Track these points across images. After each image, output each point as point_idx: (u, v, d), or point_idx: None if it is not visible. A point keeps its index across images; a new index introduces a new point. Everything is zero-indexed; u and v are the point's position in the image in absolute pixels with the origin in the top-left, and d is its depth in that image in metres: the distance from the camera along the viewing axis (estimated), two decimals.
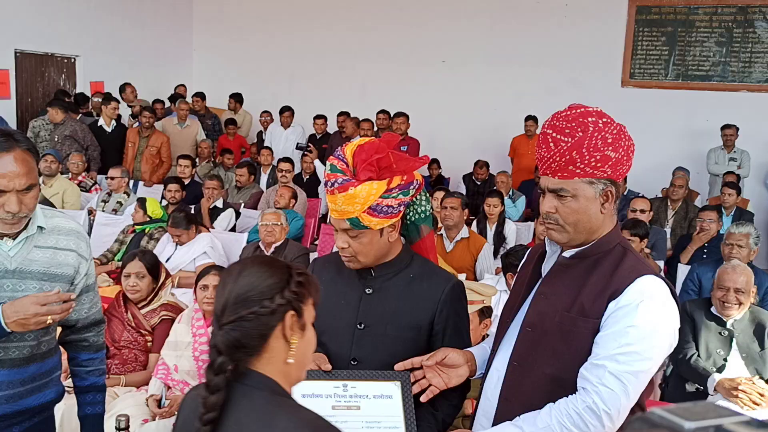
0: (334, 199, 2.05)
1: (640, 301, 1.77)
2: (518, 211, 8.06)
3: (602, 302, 1.81)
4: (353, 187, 2.02)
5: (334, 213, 2.09)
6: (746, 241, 4.79)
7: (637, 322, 1.75)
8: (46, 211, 2.23)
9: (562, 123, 1.83)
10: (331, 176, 2.06)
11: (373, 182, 2.03)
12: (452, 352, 2.08)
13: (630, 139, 1.85)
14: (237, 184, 8.14)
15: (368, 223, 2.06)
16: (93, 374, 2.41)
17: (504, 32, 10.26)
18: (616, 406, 1.74)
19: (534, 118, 9.50)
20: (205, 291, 3.73)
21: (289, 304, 1.43)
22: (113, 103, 8.93)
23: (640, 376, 1.76)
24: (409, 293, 2.18)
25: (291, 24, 11.48)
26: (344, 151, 2.10)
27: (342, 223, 2.08)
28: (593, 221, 1.86)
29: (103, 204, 7.14)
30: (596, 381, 1.75)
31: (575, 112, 1.84)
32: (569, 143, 1.80)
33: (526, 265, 2.14)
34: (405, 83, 10.65)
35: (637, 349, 1.74)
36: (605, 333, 1.78)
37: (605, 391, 1.73)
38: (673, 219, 7.26)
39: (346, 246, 2.11)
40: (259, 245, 5.41)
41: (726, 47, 9.36)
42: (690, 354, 3.89)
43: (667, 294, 1.82)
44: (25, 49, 9.51)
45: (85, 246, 2.28)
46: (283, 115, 10.00)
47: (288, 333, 1.44)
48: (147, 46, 11.35)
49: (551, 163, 1.84)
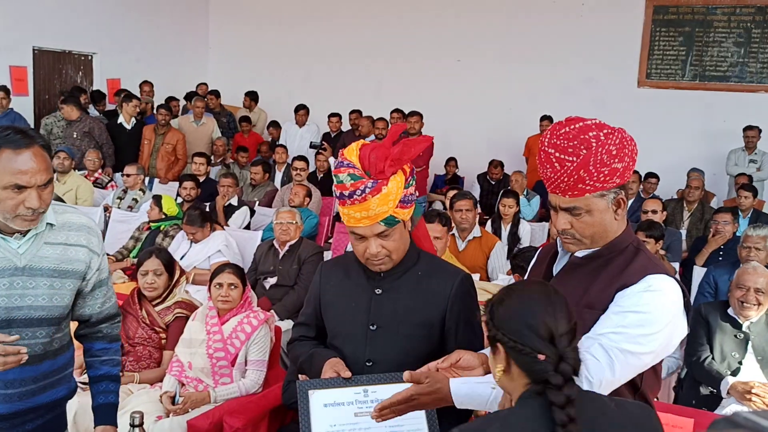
0: (366, 205, 2.03)
1: (646, 290, 1.77)
2: (533, 211, 8.03)
3: (609, 293, 1.82)
4: (385, 186, 2.03)
5: (365, 220, 2.06)
6: (764, 243, 4.75)
7: (639, 308, 1.76)
8: (57, 207, 2.23)
9: (563, 142, 1.81)
10: (356, 185, 2.02)
11: (395, 176, 2.05)
12: (467, 354, 2.07)
13: (632, 141, 1.84)
14: (252, 182, 8.16)
15: (401, 216, 2.09)
16: (107, 364, 2.40)
17: (519, 31, 10.22)
18: (599, 376, 1.72)
19: (549, 118, 9.46)
20: (219, 289, 3.74)
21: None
22: (134, 101, 9.01)
23: (628, 356, 1.74)
24: (419, 291, 2.18)
25: (306, 22, 11.50)
26: (347, 158, 2.08)
27: (376, 227, 2.07)
28: (609, 229, 1.87)
29: (119, 201, 7.19)
30: (584, 350, 1.73)
31: (574, 127, 1.82)
32: (575, 162, 1.79)
33: (537, 265, 2.13)
34: (420, 81, 10.64)
35: (631, 332, 1.74)
36: (605, 315, 1.79)
37: (590, 359, 1.72)
38: (688, 221, 7.21)
39: (380, 250, 2.10)
40: (274, 243, 5.42)
41: (744, 48, 9.28)
42: (704, 357, 3.86)
43: (677, 292, 1.81)
44: (42, 47, 9.60)
45: (96, 241, 2.27)
46: (298, 114, 10.03)
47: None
48: (163, 43, 11.42)
49: (559, 183, 1.83)
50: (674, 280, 1.83)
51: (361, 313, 2.18)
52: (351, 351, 2.17)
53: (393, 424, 2.00)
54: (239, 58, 12.11)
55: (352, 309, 2.20)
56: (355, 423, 2.00)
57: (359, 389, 2.05)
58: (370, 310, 2.18)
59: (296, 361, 2.33)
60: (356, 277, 2.23)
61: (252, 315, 3.77)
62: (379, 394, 2.03)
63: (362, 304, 2.19)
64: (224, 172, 8.07)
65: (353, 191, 2.02)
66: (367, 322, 2.17)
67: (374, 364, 2.14)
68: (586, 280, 1.88)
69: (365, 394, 2.04)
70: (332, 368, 2.10)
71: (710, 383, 3.82)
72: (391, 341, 2.15)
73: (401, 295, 2.18)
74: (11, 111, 8.21)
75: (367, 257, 2.13)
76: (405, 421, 2.01)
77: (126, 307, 3.93)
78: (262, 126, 10.86)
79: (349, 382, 2.06)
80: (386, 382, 2.06)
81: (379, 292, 2.19)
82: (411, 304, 2.17)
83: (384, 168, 2.03)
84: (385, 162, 2.03)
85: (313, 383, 2.07)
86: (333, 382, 2.05)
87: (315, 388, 2.05)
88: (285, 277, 5.24)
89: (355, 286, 2.23)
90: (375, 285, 2.20)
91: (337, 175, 2.06)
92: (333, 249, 6.37)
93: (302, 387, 2.05)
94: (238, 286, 3.78)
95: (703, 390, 3.89)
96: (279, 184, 8.52)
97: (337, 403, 2.03)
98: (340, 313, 2.23)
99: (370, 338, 2.16)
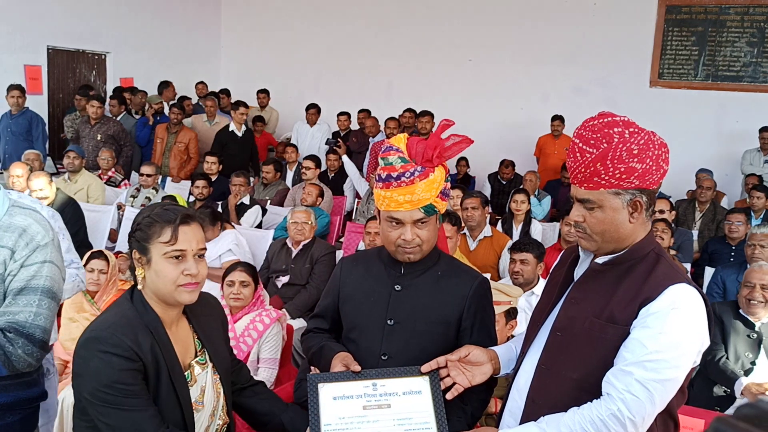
0: (412, 189, 2.07)
1: (672, 308, 1.75)
2: (543, 211, 8.02)
3: (633, 309, 1.80)
4: (432, 173, 2.08)
5: (407, 205, 2.09)
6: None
7: (668, 329, 1.73)
8: (15, 209, 2.18)
9: (588, 133, 1.83)
10: (406, 167, 2.07)
11: (440, 167, 2.11)
12: (476, 350, 2.10)
13: (662, 146, 1.82)
14: (263, 180, 8.20)
15: (439, 206, 2.14)
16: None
17: (531, 31, 10.20)
18: (641, 413, 1.73)
19: (561, 118, 9.45)
20: (231, 287, 3.77)
21: None
22: (242, 108, 9.16)
23: (666, 384, 1.75)
24: (438, 290, 2.21)
25: (318, 22, 11.53)
26: (395, 144, 2.14)
27: (415, 213, 2.11)
28: (621, 231, 1.85)
29: (132, 199, 7.23)
30: (622, 388, 1.73)
31: (602, 121, 1.83)
32: (594, 155, 1.80)
33: (558, 268, 2.14)
34: (431, 81, 10.65)
35: (665, 357, 1.73)
36: (634, 337, 1.77)
37: (631, 398, 1.72)
38: (700, 221, 7.18)
39: (414, 237, 2.13)
40: (287, 242, 5.44)
41: (757, 48, 9.23)
42: (719, 356, 3.86)
43: (700, 303, 1.80)
44: (56, 46, 9.68)
45: (23, 244, 2.13)
46: (309, 113, 10.05)
47: None
48: (176, 43, 11.50)
49: (578, 174, 1.85)
50: (695, 290, 1.81)
51: (380, 308, 2.21)
52: (367, 345, 2.21)
53: (401, 418, 2.03)
54: (251, 58, 12.16)
55: (371, 303, 2.23)
56: (363, 416, 2.03)
57: (368, 383, 2.08)
58: (388, 306, 2.20)
59: (308, 352, 2.38)
60: (377, 272, 2.27)
61: (264, 313, 3.80)
62: (387, 388, 2.07)
63: (381, 300, 2.22)
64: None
65: (402, 173, 2.07)
66: (385, 317, 2.20)
67: (390, 358, 2.17)
68: (607, 290, 1.86)
69: (374, 388, 2.07)
70: (341, 362, 2.13)
71: (725, 383, 3.82)
72: (407, 337, 2.18)
73: (420, 292, 2.21)
74: (27, 110, 8.28)
75: (399, 244, 2.16)
76: (413, 413, 2.04)
77: None
78: (273, 125, 10.90)
79: (358, 376, 2.09)
80: (395, 376, 2.09)
81: (399, 289, 2.22)
82: (429, 302, 2.20)
83: (432, 157, 2.09)
84: (434, 151, 2.09)
85: (323, 376, 2.10)
86: (343, 375, 2.09)
87: (325, 381, 2.08)
88: (297, 276, 5.27)
89: (375, 282, 2.26)
90: (395, 281, 2.23)
91: (386, 157, 2.11)
92: (344, 248, 6.39)
93: (312, 380, 2.08)
94: (249, 284, 3.82)
95: (717, 390, 3.89)
96: (290, 183, 8.55)
97: (346, 396, 2.06)
98: (358, 306, 2.26)
99: (387, 333, 2.19)
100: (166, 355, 1.89)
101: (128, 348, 1.80)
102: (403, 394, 2.06)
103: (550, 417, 1.84)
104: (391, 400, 2.06)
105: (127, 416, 1.79)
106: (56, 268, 2.20)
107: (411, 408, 2.05)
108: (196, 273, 1.92)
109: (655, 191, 1.89)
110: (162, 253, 1.89)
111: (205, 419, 2.01)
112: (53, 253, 2.19)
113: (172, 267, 1.89)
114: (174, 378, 1.89)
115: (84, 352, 1.83)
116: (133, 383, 1.80)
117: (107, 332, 1.82)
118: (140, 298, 1.94)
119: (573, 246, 2.11)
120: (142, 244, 1.91)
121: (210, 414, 2.03)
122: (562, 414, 1.83)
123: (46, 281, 2.14)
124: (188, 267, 1.91)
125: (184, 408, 1.91)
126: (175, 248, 1.88)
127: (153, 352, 1.85)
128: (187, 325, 2.07)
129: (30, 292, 2.11)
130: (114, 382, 1.78)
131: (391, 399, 2.06)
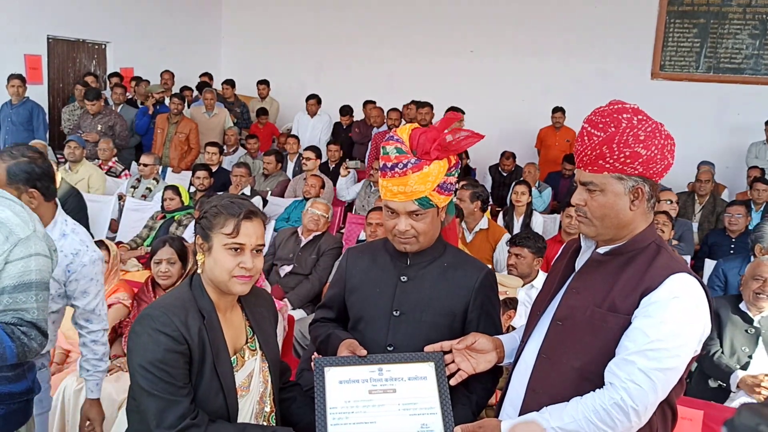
0: (405, 180, 2.08)
1: (673, 297, 1.76)
2: (544, 203, 8.03)
3: (634, 298, 1.81)
4: (427, 166, 2.08)
5: (400, 195, 2.11)
6: None
7: (669, 318, 1.75)
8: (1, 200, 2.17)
9: (598, 117, 1.85)
10: (400, 158, 2.08)
11: (440, 160, 2.10)
12: (481, 338, 2.11)
13: (668, 137, 1.84)
14: (264, 171, 8.19)
15: (436, 200, 2.13)
16: None
17: (533, 23, 10.19)
18: (644, 402, 1.74)
19: (561, 110, 9.44)
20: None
21: None
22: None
23: (668, 373, 1.76)
24: (444, 281, 2.22)
25: (320, 13, 11.50)
26: (398, 135, 2.14)
27: (409, 204, 2.11)
28: (621, 217, 1.86)
29: (133, 190, 7.24)
30: (625, 377, 1.75)
31: (612, 107, 1.86)
32: (601, 137, 1.82)
33: (560, 259, 2.15)
34: (433, 73, 10.63)
35: (667, 346, 1.74)
36: (636, 326, 1.78)
37: (634, 387, 1.73)
38: (700, 213, 7.19)
39: (409, 228, 2.14)
40: (297, 231, 5.47)
41: (759, 40, 9.21)
42: (714, 351, 3.87)
43: (701, 292, 1.81)
44: (57, 35, 9.66)
45: (2, 240, 2.10)
46: (309, 103, 10.03)
47: None
48: (176, 33, 11.47)
49: (584, 157, 1.86)
50: (696, 280, 1.83)
51: (386, 298, 2.22)
52: (373, 335, 2.22)
53: (406, 403, 2.05)
54: (252, 48, 12.13)
55: (377, 294, 2.24)
56: (369, 400, 2.05)
57: (374, 368, 2.10)
58: (394, 297, 2.21)
59: (315, 341, 2.39)
60: (383, 264, 2.28)
61: None
62: (393, 373, 2.09)
63: (387, 291, 2.23)
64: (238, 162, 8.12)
65: (396, 164, 2.08)
66: (391, 308, 2.21)
67: (395, 348, 2.18)
68: (608, 279, 1.88)
69: (380, 373, 2.09)
70: (347, 348, 2.15)
71: (720, 377, 3.83)
72: (413, 328, 2.19)
73: (426, 283, 2.22)
74: (28, 100, 8.26)
75: (395, 233, 2.17)
76: (418, 399, 2.05)
77: (141, 294, 3.98)
78: (274, 115, 10.89)
79: (364, 361, 2.11)
80: (401, 362, 2.11)
81: (405, 280, 2.23)
82: (435, 294, 2.21)
83: (430, 150, 2.08)
84: (432, 144, 2.08)
85: (330, 360, 2.12)
86: (349, 360, 2.11)
87: (331, 365, 2.10)
88: (302, 266, 5.28)
89: (381, 273, 2.27)
90: (401, 272, 2.24)
91: (385, 147, 2.13)
92: (345, 239, 6.40)
93: (319, 363, 2.10)
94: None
95: (712, 383, 3.91)
96: (291, 174, 8.55)
97: (352, 380, 2.08)
98: (364, 297, 2.27)
99: (393, 324, 2.20)
100: (213, 338, 1.96)
101: (176, 329, 1.88)
102: (409, 380, 2.08)
103: (553, 407, 1.85)
104: (397, 385, 2.07)
105: (152, 401, 1.86)
106: (42, 258, 2.19)
107: (416, 393, 2.06)
108: (251, 267, 1.97)
109: (658, 184, 1.90)
110: (222, 244, 1.95)
111: (252, 405, 2.07)
112: (37, 244, 2.18)
113: (230, 258, 1.95)
114: (218, 362, 1.95)
115: (138, 328, 1.92)
116: (174, 366, 1.87)
117: (159, 311, 1.92)
118: (198, 283, 2.02)
119: (575, 238, 2.12)
120: (205, 231, 1.98)
121: (258, 400, 2.09)
122: (564, 404, 1.84)
123: (37, 275, 2.16)
124: (245, 260, 1.96)
125: (227, 392, 1.97)
126: (235, 241, 1.95)
127: (200, 336, 1.93)
128: (241, 312, 2.14)
129: (25, 288, 2.13)
130: (157, 360, 1.86)
131: (397, 384, 2.08)
